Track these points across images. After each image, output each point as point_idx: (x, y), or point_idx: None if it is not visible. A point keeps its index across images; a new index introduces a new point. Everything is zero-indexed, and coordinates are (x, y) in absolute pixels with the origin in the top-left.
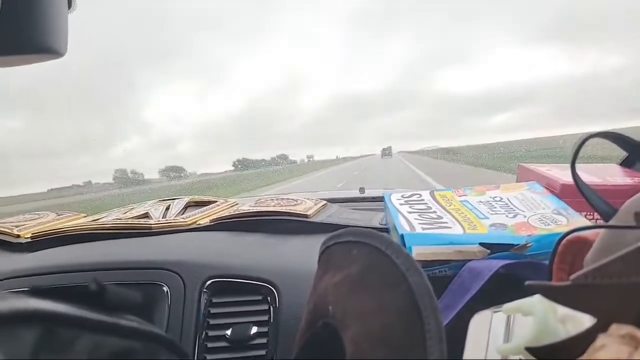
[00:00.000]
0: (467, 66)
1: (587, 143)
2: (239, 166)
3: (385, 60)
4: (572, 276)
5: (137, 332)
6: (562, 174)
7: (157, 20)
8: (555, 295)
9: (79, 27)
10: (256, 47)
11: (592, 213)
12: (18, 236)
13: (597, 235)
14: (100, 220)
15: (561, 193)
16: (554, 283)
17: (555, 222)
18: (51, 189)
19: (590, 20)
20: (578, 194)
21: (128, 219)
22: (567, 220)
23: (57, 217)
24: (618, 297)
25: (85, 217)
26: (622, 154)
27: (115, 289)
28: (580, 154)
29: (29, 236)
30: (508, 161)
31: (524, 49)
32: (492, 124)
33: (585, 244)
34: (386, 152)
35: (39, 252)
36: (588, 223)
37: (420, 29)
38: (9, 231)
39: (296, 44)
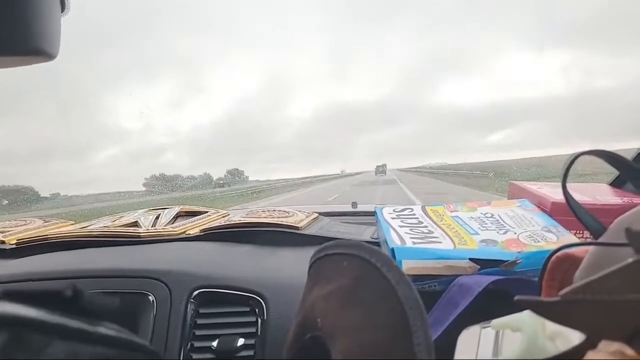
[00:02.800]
0: (466, 77)
1: (578, 160)
2: (156, 185)
3: (379, 70)
4: (562, 292)
5: (115, 340)
6: (552, 192)
7: (141, 24)
8: (545, 310)
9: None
10: (239, 52)
11: (581, 232)
12: (3, 242)
13: (586, 253)
14: (88, 228)
15: (552, 211)
16: (543, 298)
17: (545, 239)
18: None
19: (600, 31)
20: (568, 213)
21: (117, 227)
22: (556, 237)
23: (44, 224)
24: (607, 314)
25: (72, 224)
26: (612, 171)
27: (94, 296)
28: (572, 171)
29: (14, 242)
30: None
31: (527, 60)
32: (492, 140)
33: (575, 261)
34: (380, 170)
35: (24, 258)
36: (577, 240)
37: (418, 33)
38: None
39: (281, 50)
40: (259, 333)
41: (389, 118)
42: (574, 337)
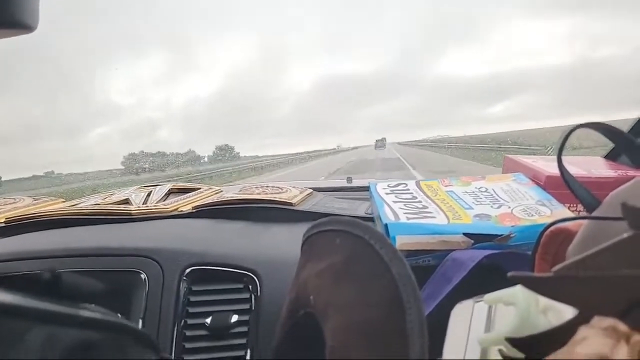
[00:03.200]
0: (467, 47)
1: (575, 134)
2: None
3: (378, 40)
4: (555, 268)
5: (97, 322)
6: (547, 166)
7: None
8: (538, 286)
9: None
10: (232, 23)
11: (575, 205)
12: None
13: (580, 227)
14: (78, 206)
15: (546, 185)
16: (536, 274)
17: (539, 213)
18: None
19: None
20: (562, 186)
21: (107, 204)
22: (550, 211)
23: (34, 202)
24: (600, 290)
25: (63, 202)
26: (607, 144)
27: (77, 277)
28: (569, 144)
29: (2, 221)
30: None
31: (529, 28)
32: (494, 111)
33: (569, 235)
34: (379, 144)
35: (13, 237)
36: (571, 214)
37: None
38: None
39: (276, 19)
40: (252, 309)
41: (388, 90)
42: (566, 312)
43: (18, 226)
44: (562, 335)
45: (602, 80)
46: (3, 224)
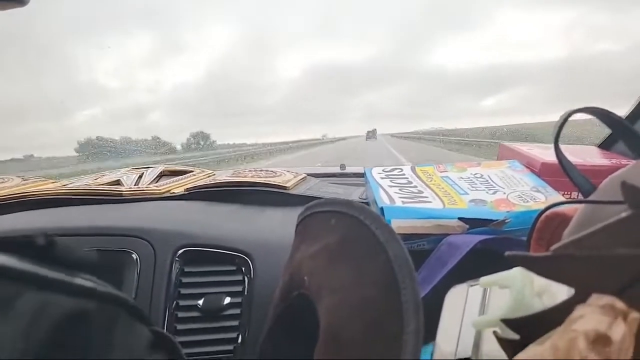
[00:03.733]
0: (463, 36)
1: (567, 124)
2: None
3: (371, 27)
4: (553, 247)
5: (91, 291)
6: (542, 153)
7: None
8: (535, 266)
9: None
10: (218, 7)
11: (569, 193)
12: None
13: (576, 212)
14: (69, 186)
15: (541, 172)
16: (534, 254)
17: (534, 199)
18: None
19: None
20: (557, 173)
21: (98, 185)
22: (545, 197)
23: (23, 182)
24: (598, 269)
25: (53, 182)
26: (600, 136)
27: (70, 247)
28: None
29: None
30: None
31: (528, 18)
32: (488, 104)
33: (564, 219)
34: (370, 135)
35: (2, 216)
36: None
37: None
38: None
39: (267, 4)
40: (245, 292)
41: (379, 79)
42: (561, 294)
43: (7, 205)
44: (559, 314)
45: (599, 74)
46: None
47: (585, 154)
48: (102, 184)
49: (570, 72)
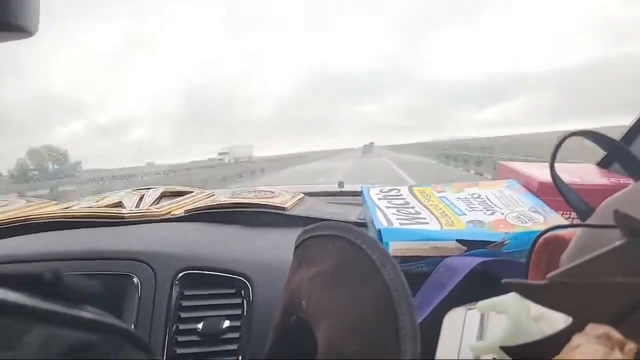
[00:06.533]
0: (464, 43)
1: (567, 142)
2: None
3: (368, 31)
4: (549, 275)
5: (96, 324)
6: (540, 173)
7: None
8: (532, 294)
9: None
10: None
11: (569, 212)
12: None
13: (574, 235)
14: (71, 209)
15: (539, 191)
16: (530, 281)
17: (532, 220)
18: None
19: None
20: (555, 193)
21: (100, 207)
22: (544, 218)
23: (27, 204)
24: (594, 297)
25: (55, 204)
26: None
27: (75, 279)
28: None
29: None
30: None
31: (533, 23)
32: (491, 114)
33: (562, 243)
34: (367, 149)
35: (6, 239)
36: (564, 221)
37: None
38: None
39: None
40: (244, 315)
41: (376, 89)
42: (559, 320)
43: (11, 229)
44: (556, 343)
45: (606, 82)
46: None
47: (583, 173)
48: (104, 206)
49: (578, 79)
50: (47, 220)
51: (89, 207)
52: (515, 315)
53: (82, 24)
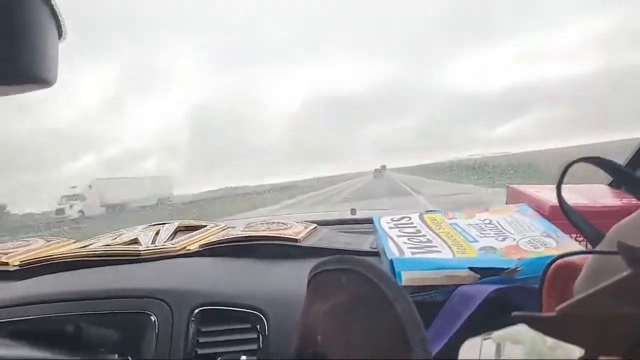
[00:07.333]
0: (477, 55)
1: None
2: None
3: (376, 49)
4: (558, 307)
5: None
6: (551, 196)
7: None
8: (542, 326)
9: None
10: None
11: (582, 235)
12: (6, 264)
13: (586, 260)
14: (89, 247)
15: (550, 215)
16: (539, 314)
17: (545, 245)
18: None
19: None
20: None
21: (117, 245)
22: (556, 243)
23: (46, 243)
24: (605, 328)
25: (74, 243)
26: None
27: (95, 320)
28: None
29: (17, 264)
30: None
31: (554, 26)
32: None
33: (574, 268)
34: (378, 173)
35: (28, 280)
36: (577, 245)
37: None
38: None
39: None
40: (260, 349)
41: (386, 111)
42: (575, 349)
43: (32, 269)
44: None
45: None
46: (18, 267)
47: (595, 194)
48: (120, 244)
49: (600, 89)
50: (67, 260)
51: (107, 245)
52: (531, 346)
53: (88, 62)
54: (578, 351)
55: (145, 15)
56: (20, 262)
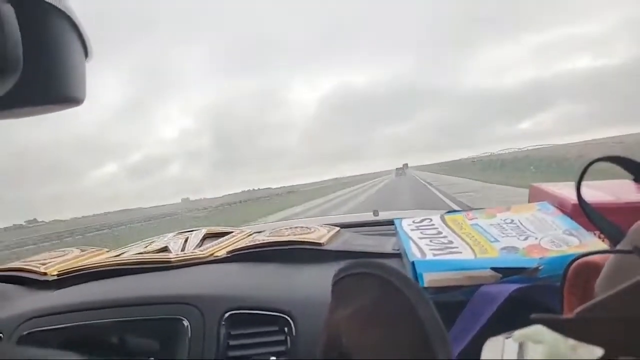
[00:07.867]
0: (497, 51)
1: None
2: None
3: (396, 43)
4: (577, 309)
5: None
6: (573, 193)
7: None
8: (561, 328)
9: None
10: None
11: (602, 233)
12: (45, 274)
13: (607, 258)
14: (122, 256)
15: (572, 213)
16: (558, 317)
17: (567, 243)
18: None
19: None
20: None
21: (148, 253)
22: (579, 241)
23: (81, 253)
24: (624, 330)
25: (107, 252)
26: None
27: (131, 327)
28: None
29: (55, 273)
30: None
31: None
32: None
33: (595, 267)
34: (400, 172)
35: (65, 289)
36: (601, 243)
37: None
38: (36, 269)
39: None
40: (288, 351)
41: (407, 109)
42: (595, 348)
43: (69, 278)
44: None
45: None
46: (56, 277)
47: (619, 190)
48: (151, 252)
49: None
50: (101, 269)
51: (139, 253)
52: (552, 345)
53: (106, 67)
54: (600, 350)
55: (163, 18)
56: (58, 271)
